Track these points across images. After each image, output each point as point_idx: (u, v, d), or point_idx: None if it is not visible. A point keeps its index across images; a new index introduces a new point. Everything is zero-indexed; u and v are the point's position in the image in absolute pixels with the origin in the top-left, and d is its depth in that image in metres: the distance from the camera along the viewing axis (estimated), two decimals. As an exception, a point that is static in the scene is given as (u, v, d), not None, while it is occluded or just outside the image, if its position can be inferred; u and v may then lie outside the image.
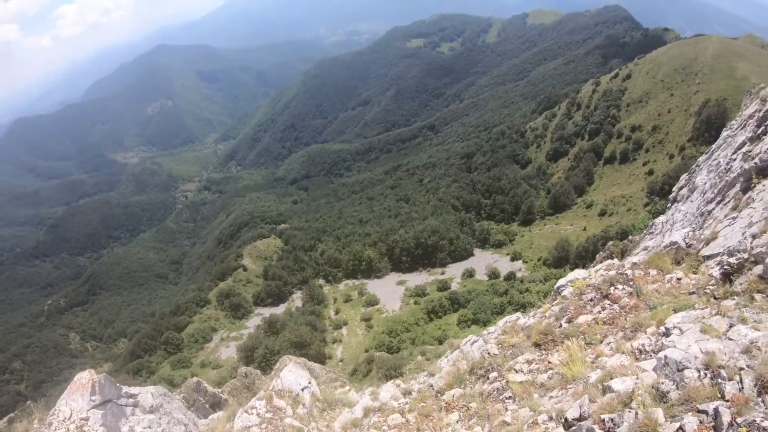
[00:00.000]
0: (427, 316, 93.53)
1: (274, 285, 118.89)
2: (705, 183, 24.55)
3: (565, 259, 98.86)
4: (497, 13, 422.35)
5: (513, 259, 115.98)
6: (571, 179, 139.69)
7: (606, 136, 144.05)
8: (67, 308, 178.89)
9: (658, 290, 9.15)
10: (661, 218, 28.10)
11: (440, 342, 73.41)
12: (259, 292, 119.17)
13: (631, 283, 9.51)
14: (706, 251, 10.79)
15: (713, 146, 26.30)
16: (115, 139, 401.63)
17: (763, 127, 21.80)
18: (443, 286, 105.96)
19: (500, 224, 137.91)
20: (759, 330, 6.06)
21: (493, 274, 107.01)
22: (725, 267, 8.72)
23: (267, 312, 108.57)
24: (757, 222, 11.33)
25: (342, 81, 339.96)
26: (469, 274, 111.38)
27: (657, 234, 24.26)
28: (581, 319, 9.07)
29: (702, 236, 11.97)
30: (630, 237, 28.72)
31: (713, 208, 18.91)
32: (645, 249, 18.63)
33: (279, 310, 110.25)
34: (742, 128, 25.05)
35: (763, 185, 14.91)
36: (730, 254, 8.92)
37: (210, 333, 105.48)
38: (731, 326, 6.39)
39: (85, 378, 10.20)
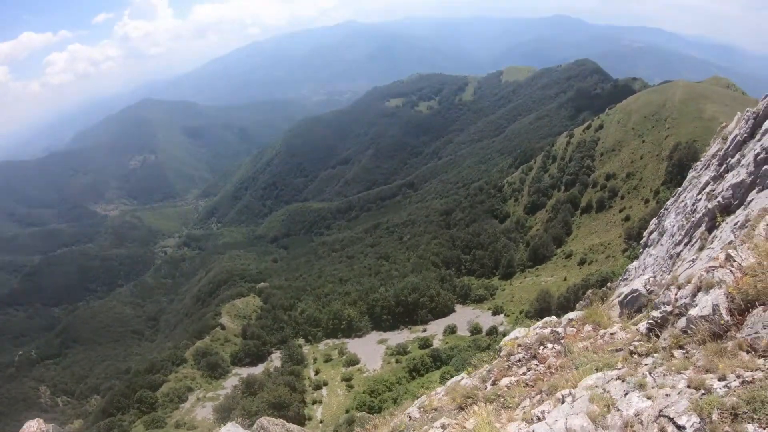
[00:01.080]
0: (409, 375, 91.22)
1: (253, 344, 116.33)
2: (673, 225, 23.96)
3: (546, 310, 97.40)
4: (473, 72, 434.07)
5: (495, 314, 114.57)
6: (549, 231, 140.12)
7: (582, 186, 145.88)
8: (39, 360, 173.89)
9: (588, 348, 8.34)
10: (634, 264, 27.39)
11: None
12: (237, 351, 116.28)
13: (562, 341, 8.63)
14: (666, 297, 10.10)
15: (680, 189, 25.91)
16: (97, 191, 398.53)
17: (725, 165, 21.31)
18: (425, 344, 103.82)
19: (481, 279, 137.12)
20: (651, 399, 5.51)
21: (475, 330, 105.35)
22: (650, 321, 8.12)
23: (245, 372, 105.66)
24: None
25: (323, 140, 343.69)
26: (451, 330, 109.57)
27: (631, 280, 23.41)
28: (504, 380, 8.43)
29: (663, 281, 11.23)
30: (608, 284, 28.07)
31: (681, 250, 18.21)
32: (619, 296, 17.89)
33: (257, 370, 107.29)
34: (706, 168, 24.68)
35: (727, 222, 14.25)
36: (655, 307, 8.11)
37: (186, 392, 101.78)
38: (626, 393, 5.86)
39: (33, 426, 10.36)
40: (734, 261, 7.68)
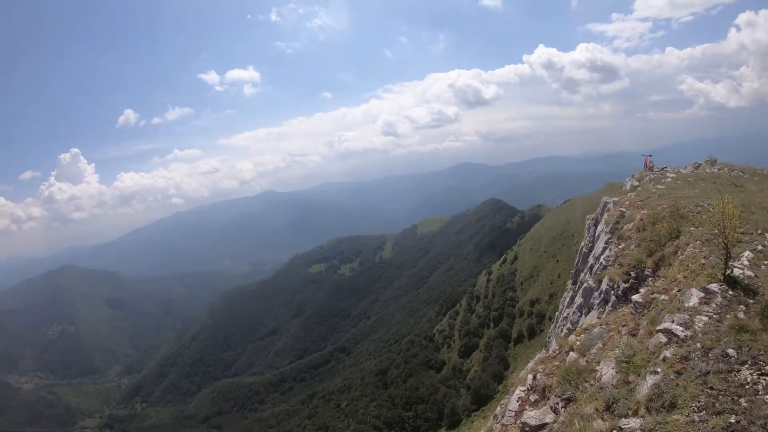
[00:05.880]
0: None
1: None
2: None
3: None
4: (389, 229, 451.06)
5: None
6: (487, 370, 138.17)
7: (510, 318, 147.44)
8: None
9: None
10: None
11: None
12: None
13: None
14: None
15: (557, 312, 25.92)
16: (10, 360, 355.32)
17: (578, 284, 21.54)
18: None
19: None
20: None
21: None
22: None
23: None
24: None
25: (249, 311, 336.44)
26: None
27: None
28: None
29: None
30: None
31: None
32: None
33: None
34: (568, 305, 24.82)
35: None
36: None
37: None
38: None
39: None
40: None
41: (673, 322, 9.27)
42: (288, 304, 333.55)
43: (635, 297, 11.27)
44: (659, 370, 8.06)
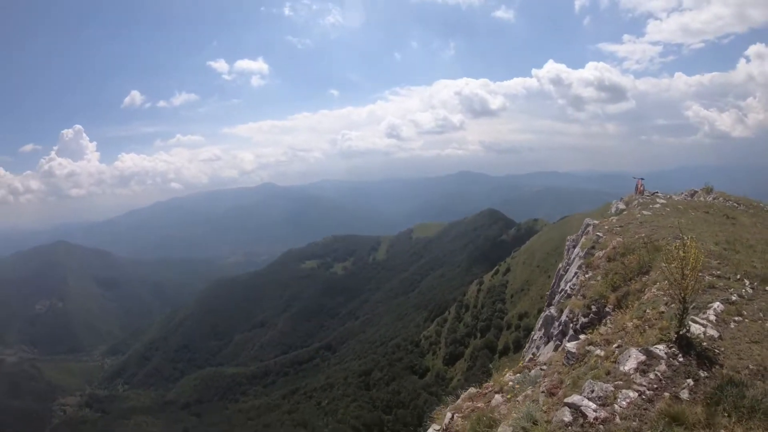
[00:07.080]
0: None
1: None
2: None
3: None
4: (385, 231, 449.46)
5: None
6: (470, 379, 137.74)
7: (497, 330, 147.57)
8: None
9: None
10: None
11: None
12: None
13: None
14: None
15: (531, 332, 25.51)
16: None
17: (552, 306, 21.00)
18: None
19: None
20: None
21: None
22: None
23: None
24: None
25: (238, 302, 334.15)
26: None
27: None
28: None
29: None
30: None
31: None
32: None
33: None
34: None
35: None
36: None
37: None
38: None
39: None
40: None
41: (592, 392, 7.32)
42: (278, 298, 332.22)
43: (570, 345, 9.61)
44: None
